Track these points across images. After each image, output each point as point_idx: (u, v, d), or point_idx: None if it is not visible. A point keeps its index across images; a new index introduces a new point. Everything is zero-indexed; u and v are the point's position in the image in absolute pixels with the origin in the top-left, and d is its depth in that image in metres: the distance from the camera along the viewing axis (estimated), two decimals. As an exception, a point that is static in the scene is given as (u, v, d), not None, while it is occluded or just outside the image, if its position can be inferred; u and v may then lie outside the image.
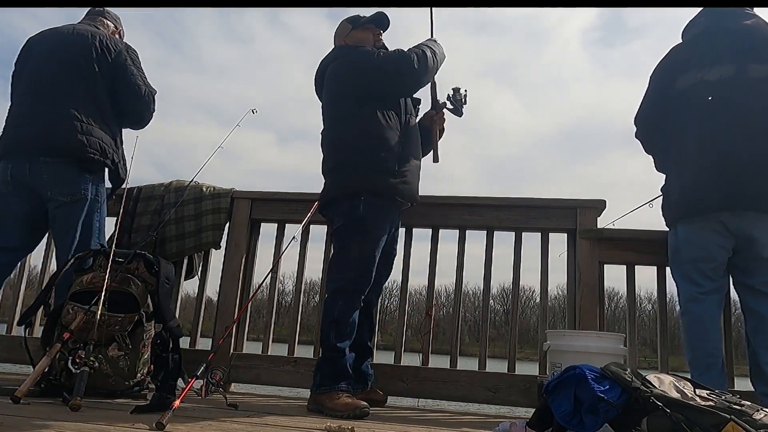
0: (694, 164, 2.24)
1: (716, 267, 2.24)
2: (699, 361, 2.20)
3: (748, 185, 2.14)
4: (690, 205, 2.25)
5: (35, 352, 2.36)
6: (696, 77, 2.28)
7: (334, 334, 2.29)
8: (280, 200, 3.15)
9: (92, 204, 2.58)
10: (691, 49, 2.36)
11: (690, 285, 2.27)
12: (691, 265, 2.27)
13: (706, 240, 2.23)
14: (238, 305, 3.02)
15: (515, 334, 2.90)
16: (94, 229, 2.61)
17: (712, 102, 2.23)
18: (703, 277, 2.24)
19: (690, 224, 2.28)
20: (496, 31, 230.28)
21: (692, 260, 2.27)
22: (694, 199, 2.23)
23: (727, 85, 2.22)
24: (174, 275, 2.72)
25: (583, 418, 1.44)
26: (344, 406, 2.13)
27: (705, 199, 2.19)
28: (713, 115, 2.22)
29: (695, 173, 2.23)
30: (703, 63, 2.28)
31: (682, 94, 2.31)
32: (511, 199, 2.95)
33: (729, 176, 2.16)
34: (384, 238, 2.39)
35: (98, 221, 2.64)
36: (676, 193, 2.32)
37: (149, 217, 3.11)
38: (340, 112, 2.48)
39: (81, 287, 2.32)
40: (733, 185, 2.15)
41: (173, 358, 2.31)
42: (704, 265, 2.24)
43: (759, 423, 1.34)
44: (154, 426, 1.56)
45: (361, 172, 2.35)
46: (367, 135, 2.37)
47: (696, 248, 2.25)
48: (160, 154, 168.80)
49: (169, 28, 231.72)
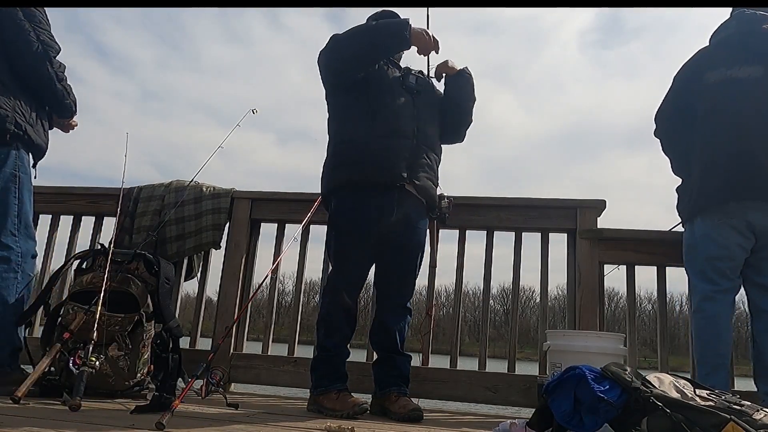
0: (718, 158, 2.24)
1: (734, 267, 2.23)
2: (708, 360, 2.19)
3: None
4: (711, 196, 2.23)
5: (35, 352, 2.36)
6: (725, 74, 2.29)
7: (323, 332, 2.31)
8: (280, 200, 3.15)
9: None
10: (721, 49, 2.37)
11: (706, 283, 2.25)
12: (709, 263, 2.25)
13: (726, 238, 2.21)
14: (238, 305, 3.02)
15: (515, 334, 2.90)
16: (10, 205, 2.31)
17: (741, 98, 2.23)
18: (720, 275, 2.23)
19: (709, 218, 2.25)
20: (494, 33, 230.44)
21: (711, 258, 2.24)
22: (716, 189, 2.21)
23: (753, 84, 2.23)
24: (174, 275, 2.72)
25: (583, 418, 1.44)
26: (342, 405, 2.14)
27: (727, 188, 2.18)
28: (740, 111, 2.23)
29: (719, 166, 2.23)
30: (733, 62, 2.29)
31: (710, 88, 2.31)
32: (511, 199, 2.95)
33: (754, 169, 2.16)
34: (367, 230, 2.28)
35: (14, 197, 2.33)
36: (696, 188, 2.30)
37: (150, 217, 3.10)
38: None
39: (81, 287, 2.33)
40: (757, 176, 2.15)
41: (173, 358, 2.31)
42: (723, 264, 2.22)
43: (759, 423, 1.34)
44: (154, 426, 1.56)
45: (326, 171, 2.42)
46: (332, 132, 2.45)
47: (716, 246, 2.23)
48: (159, 155, 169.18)
49: (168, 29, 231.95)
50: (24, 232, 2.35)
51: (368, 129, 2.32)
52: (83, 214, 3.32)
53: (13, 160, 2.31)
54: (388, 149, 2.30)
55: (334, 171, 2.37)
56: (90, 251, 2.51)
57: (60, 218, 3.32)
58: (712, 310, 2.22)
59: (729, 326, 2.24)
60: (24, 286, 2.33)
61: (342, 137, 2.40)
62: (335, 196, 2.37)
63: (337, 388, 2.22)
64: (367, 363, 2.67)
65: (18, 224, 2.33)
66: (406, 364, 2.38)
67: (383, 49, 2.37)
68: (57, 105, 2.49)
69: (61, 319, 2.28)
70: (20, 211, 2.34)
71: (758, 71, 2.25)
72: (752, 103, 2.22)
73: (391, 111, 2.35)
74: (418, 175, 2.33)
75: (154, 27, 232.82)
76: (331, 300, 2.32)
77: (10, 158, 2.30)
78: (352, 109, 2.40)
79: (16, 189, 2.32)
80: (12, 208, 2.31)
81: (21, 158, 2.35)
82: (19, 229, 2.33)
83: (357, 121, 2.36)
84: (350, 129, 2.37)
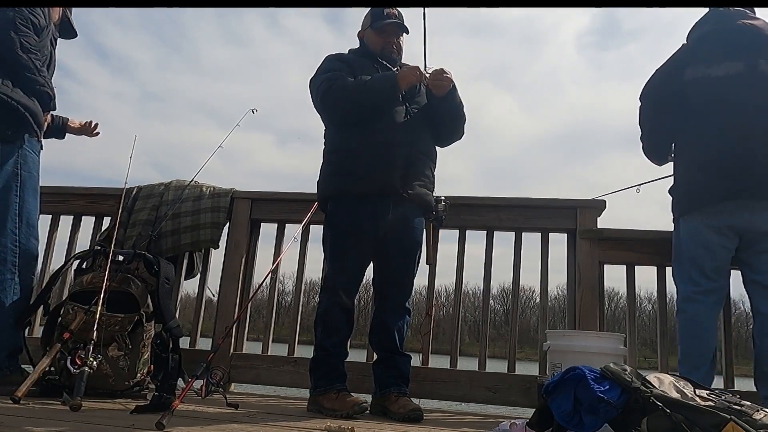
0: (700, 159, 2.24)
1: (717, 267, 2.23)
2: (688, 361, 2.20)
3: (752, 177, 2.13)
4: (693, 198, 2.24)
5: (35, 352, 2.36)
6: (703, 71, 2.28)
7: (321, 331, 2.32)
8: (280, 200, 3.15)
9: None
10: (699, 46, 2.36)
11: (688, 284, 2.26)
12: (692, 263, 2.26)
13: (709, 239, 2.21)
14: (238, 305, 3.02)
15: (515, 334, 2.90)
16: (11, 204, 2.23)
17: (718, 97, 2.22)
18: (702, 276, 2.23)
19: (691, 219, 2.26)
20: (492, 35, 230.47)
21: (693, 259, 2.25)
22: (697, 191, 2.22)
23: (733, 81, 2.22)
24: (174, 275, 2.71)
25: (583, 418, 1.44)
26: (342, 405, 2.14)
27: (708, 189, 2.18)
28: (719, 110, 2.22)
29: (700, 167, 2.23)
30: (711, 58, 2.27)
31: (688, 85, 2.30)
32: (511, 199, 2.95)
33: (734, 169, 2.15)
34: (362, 231, 2.30)
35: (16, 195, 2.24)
36: (681, 191, 2.32)
37: (146, 212, 3.09)
38: None
39: (81, 287, 2.33)
40: (737, 177, 2.14)
41: (173, 358, 2.31)
42: (706, 264, 2.23)
43: (759, 423, 1.34)
44: (154, 426, 1.56)
45: (322, 178, 2.44)
46: (327, 138, 2.49)
47: (698, 247, 2.24)
48: (159, 156, 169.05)
49: (168, 31, 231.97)
50: (26, 231, 2.31)
51: (362, 139, 2.33)
52: (83, 214, 3.32)
53: (14, 159, 2.26)
54: (382, 160, 2.30)
55: (328, 179, 2.41)
56: (90, 251, 2.51)
57: (60, 218, 3.32)
58: (693, 311, 2.23)
59: (712, 327, 2.23)
60: (24, 287, 2.31)
61: (336, 146, 2.41)
62: (330, 201, 2.41)
63: (337, 388, 2.22)
64: (367, 363, 2.67)
65: (18, 223, 2.29)
66: (406, 365, 2.38)
67: (376, 105, 2.35)
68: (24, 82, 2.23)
69: (61, 319, 2.28)
70: (21, 209, 2.28)
71: (737, 67, 2.23)
72: (733, 99, 2.21)
73: (385, 121, 2.35)
74: (412, 184, 2.33)
75: (155, 28, 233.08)
76: (329, 299, 2.33)
77: (12, 156, 2.25)
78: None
79: (17, 187, 2.27)
80: (12, 207, 2.26)
81: (24, 156, 2.29)
82: (20, 228, 2.29)
83: (351, 131, 2.37)
84: (345, 138, 2.38)
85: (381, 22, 2.47)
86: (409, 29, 2.51)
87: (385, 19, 2.47)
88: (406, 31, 2.52)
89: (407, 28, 2.51)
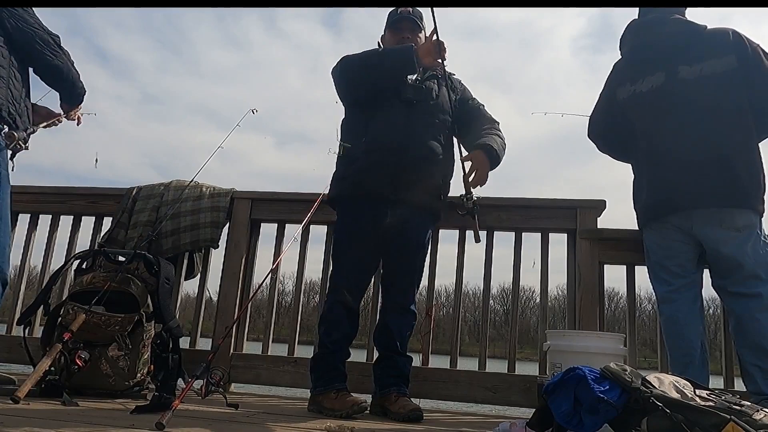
0: (641, 176, 2.35)
1: (682, 263, 2.25)
2: (677, 361, 2.21)
3: (687, 185, 2.17)
4: (647, 213, 2.32)
5: (35, 352, 2.36)
6: (630, 89, 2.37)
7: (323, 329, 2.35)
8: (280, 200, 3.15)
9: None
10: (624, 65, 2.46)
11: (661, 285, 2.30)
12: (659, 266, 2.31)
13: (669, 244, 2.27)
14: (238, 305, 3.02)
15: (515, 334, 2.90)
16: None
17: (650, 112, 2.30)
18: (670, 274, 2.26)
19: (649, 230, 2.34)
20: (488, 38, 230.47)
21: (659, 261, 2.31)
22: (645, 208, 2.32)
23: (659, 93, 2.28)
24: (174, 275, 2.71)
25: (583, 418, 1.44)
26: (342, 404, 2.14)
27: (654, 206, 2.27)
28: (652, 123, 2.29)
29: (643, 185, 2.33)
30: (636, 76, 2.36)
31: (623, 106, 2.40)
32: (511, 199, 2.95)
33: (669, 181, 2.22)
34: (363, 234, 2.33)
35: None
36: (636, 205, 2.40)
37: (147, 213, 3.09)
38: None
39: (81, 287, 2.33)
40: (672, 189, 2.21)
41: (173, 358, 2.31)
42: (669, 262, 2.27)
43: (759, 423, 1.34)
44: (154, 426, 1.56)
45: (332, 180, 2.49)
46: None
47: (659, 248, 2.30)
48: (159, 157, 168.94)
49: (168, 34, 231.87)
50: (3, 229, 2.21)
51: (359, 143, 2.36)
52: (83, 214, 3.32)
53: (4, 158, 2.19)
54: (371, 166, 2.32)
55: (333, 183, 2.49)
56: (90, 251, 2.51)
57: (60, 218, 3.32)
58: (670, 311, 2.25)
59: (691, 322, 2.21)
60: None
61: (342, 150, 2.46)
62: (336, 204, 2.49)
63: (336, 387, 2.22)
64: (367, 363, 2.67)
65: None
66: (406, 365, 2.38)
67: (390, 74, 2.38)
68: (71, 93, 2.46)
69: (61, 319, 2.28)
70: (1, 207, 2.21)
71: (659, 79, 2.29)
72: (659, 113, 2.27)
73: (380, 125, 2.36)
74: (407, 189, 2.31)
75: (155, 31, 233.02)
76: (333, 298, 2.35)
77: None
78: (351, 122, 2.48)
79: None
80: None
81: (4, 156, 2.20)
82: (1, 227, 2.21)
83: (353, 135, 2.42)
84: (348, 142, 2.43)
85: (394, 19, 2.54)
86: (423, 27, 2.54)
87: (398, 17, 2.54)
88: (420, 27, 2.54)
89: (419, 24, 2.54)
